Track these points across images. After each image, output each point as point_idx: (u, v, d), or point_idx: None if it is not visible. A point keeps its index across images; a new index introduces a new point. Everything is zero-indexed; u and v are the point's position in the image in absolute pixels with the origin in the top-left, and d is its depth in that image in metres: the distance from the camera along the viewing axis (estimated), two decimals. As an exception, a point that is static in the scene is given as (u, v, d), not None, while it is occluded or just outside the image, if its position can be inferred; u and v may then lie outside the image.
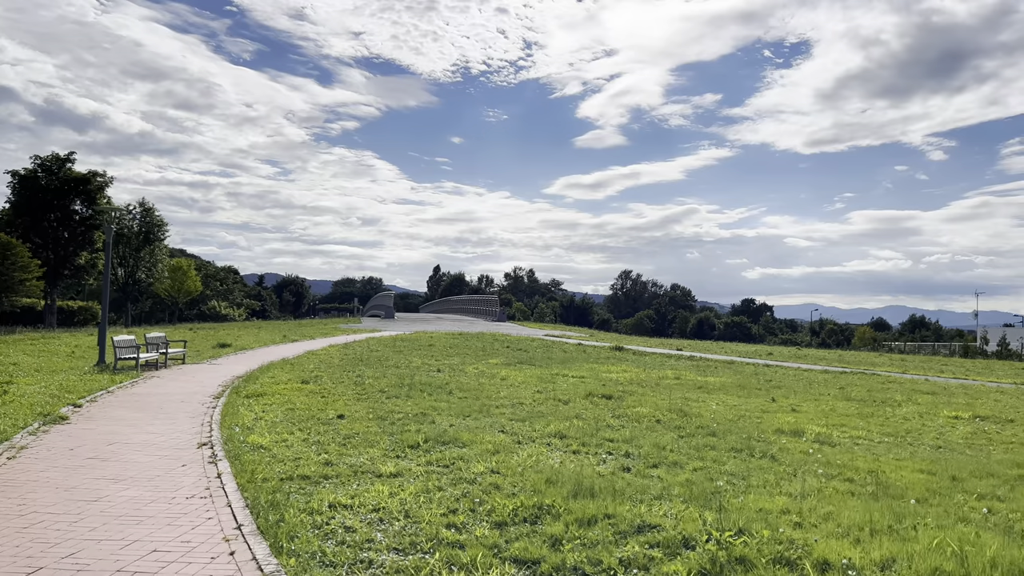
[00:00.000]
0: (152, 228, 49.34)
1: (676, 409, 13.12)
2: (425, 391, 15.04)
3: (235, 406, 12.68)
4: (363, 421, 11.23)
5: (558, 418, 11.88)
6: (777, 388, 18.77)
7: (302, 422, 11.12)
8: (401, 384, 16.18)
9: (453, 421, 11.40)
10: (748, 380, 20.62)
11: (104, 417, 11.45)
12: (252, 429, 10.29)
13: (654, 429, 11.12)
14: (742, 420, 12.37)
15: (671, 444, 9.74)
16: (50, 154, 39.82)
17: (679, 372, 22.24)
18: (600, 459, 8.74)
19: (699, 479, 7.56)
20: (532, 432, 10.51)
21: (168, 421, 11.24)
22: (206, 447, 9.06)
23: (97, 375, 16.90)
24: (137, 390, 14.96)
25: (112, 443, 9.25)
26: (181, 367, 20.17)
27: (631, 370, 22.38)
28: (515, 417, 11.94)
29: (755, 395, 16.78)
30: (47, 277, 38.32)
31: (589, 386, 16.94)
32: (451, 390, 15.28)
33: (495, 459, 8.38)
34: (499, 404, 13.41)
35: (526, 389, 16.19)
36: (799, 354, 38.07)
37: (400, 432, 10.18)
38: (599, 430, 10.72)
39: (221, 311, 69.99)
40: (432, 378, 17.87)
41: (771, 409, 14.11)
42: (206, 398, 14.08)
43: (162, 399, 13.75)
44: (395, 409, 12.57)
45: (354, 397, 14.20)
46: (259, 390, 14.82)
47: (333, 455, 8.61)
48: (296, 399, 13.71)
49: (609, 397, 14.68)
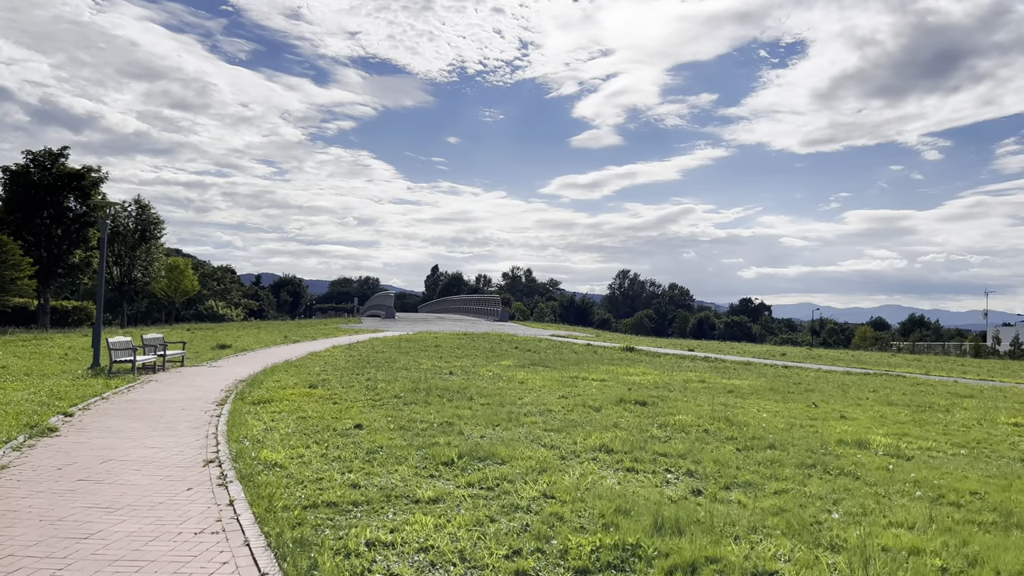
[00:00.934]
0: (148, 226, 48.01)
1: (720, 417, 12.10)
2: (443, 396, 14.01)
3: (241, 414, 11.64)
4: (384, 432, 10.19)
5: (596, 428, 10.86)
6: (810, 392, 17.78)
7: (317, 433, 10.07)
8: (416, 389, 15.14)
9: (483, 432, 10.37)
10: (775, 383, 19.63)
11: (98, 428, 10.39)
12: (263, 442, 9.24)
13: (705, 441, 10.10)
14: (795, 429, 11.36)
15: (733, 459, 8.71)
16: (43, 149, 38.58)
17: (701, 375, 21.24)
18: (662, 479, 7.72)
19: (788, 505, 6.54)
20: (573, 445, 9.48)
21: (169, 432, 10.19)
22: (213, 464, 8.01)
23: (91, 379, 15.82)
24: (134, 396, 13.90)
25: (107, 460, 8.19)
26: (180, 370, 19.10)
27: (651, 372, 21.37)
28: (549, 427, 10.91)
29: (791, 400, 15.78)
30: (40, 276, 37.12)
31: (615, 391, 15.92)
32: (471, 395, 14.25)
33: (544, 480, 7.36)
34: (527, 412, 12.38)
35: (549, 394, 15.17)
36: (812, 355, 37.13)
37: (428, 445, 9.14)
38: (646, 442, 9.70)
39: (219, 311, 68.77)
40: (447, 382, 16.84)
41: (818, 416, 13.11)
42: (209, 405, 13.02)
43: (161, 406, 12.69)
44: (416, 417, 11.54)
45: (368, 403, 13.16)
46: (265, 396, 13.76)
47: (359, 474, 7.57)
48: (306, 406, 12.66)
49: (643, 403, 13.65)
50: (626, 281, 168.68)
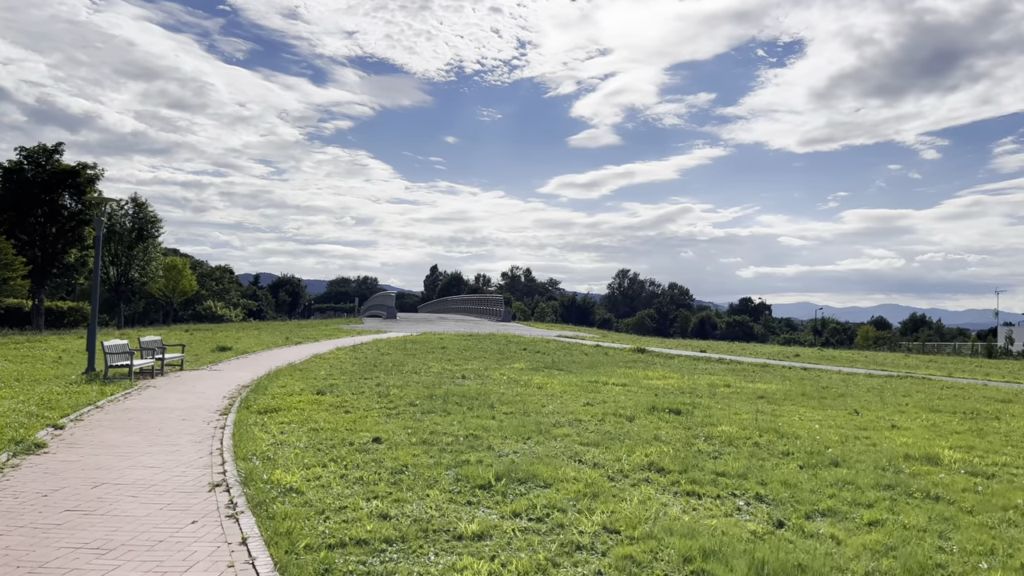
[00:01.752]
0: (145, 224, 46.87)
1: (767, 428, 11.18)
2: (462, 404, 13.08)
3: (248, 426, 10.70)
4: (405, 447, 9.26)
5: (636, 441, 9.94)
6: (843, 397, 16.88)
7: (332, 448, 9.15)
8: (431, 396, 14.21)
9: (514, 446, 9.45)
10: (803, 387, 18.72)
11: (90, 443, 9.45)
12: (275, 460, 8.31)
13: (760, 457, 9.18)
14: (851, 442, 10.45)
15: (801, 480, 7.80)
16: (37, 145, 37.42)
17: (723, 378, 20.33)
18: (732, 506, 6.80)
19: (891, 541, 5.64)
20: (617, 463, 8.56)
21: (169, 448, 9.25)
22: (220, 489, 7.07)
23: (85, 386, 14.87)
24: (131, 404, 12.95)
25: (99, 484, 7.25)
26: (179, 374, 18.15)
27: (671, 376, 20.46)
28: (584, 440, 9.99)
29: (829, 406, 14.87)
30: (34, 276, 36.08)
31: (642, 397, 15.01)
32: (492, 403, 13.32)
33: (600, 508, 6.44)
34: (555, 422, 11.45)
35: (573, 401, 14.26)
36: (826, 356, 36.24)
37: (458, 464, 8.22)
38: (697, 459, 8.78)
39: (217, 311, 67.69)
40: (461, 387, 15.92)
41: (866, 425, 12.20)
42: (212, 414, 12.09)
43: (160, 416, 11.75)
44: (437, 429, 10.61)
45: (383, 412, 12.23)
46: (272, 404, 12.83)
47: (387, 501, 6.65)
48: (317, 416, 11.73)
49: (677, 412, 12.73)
50: (625, 280, 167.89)
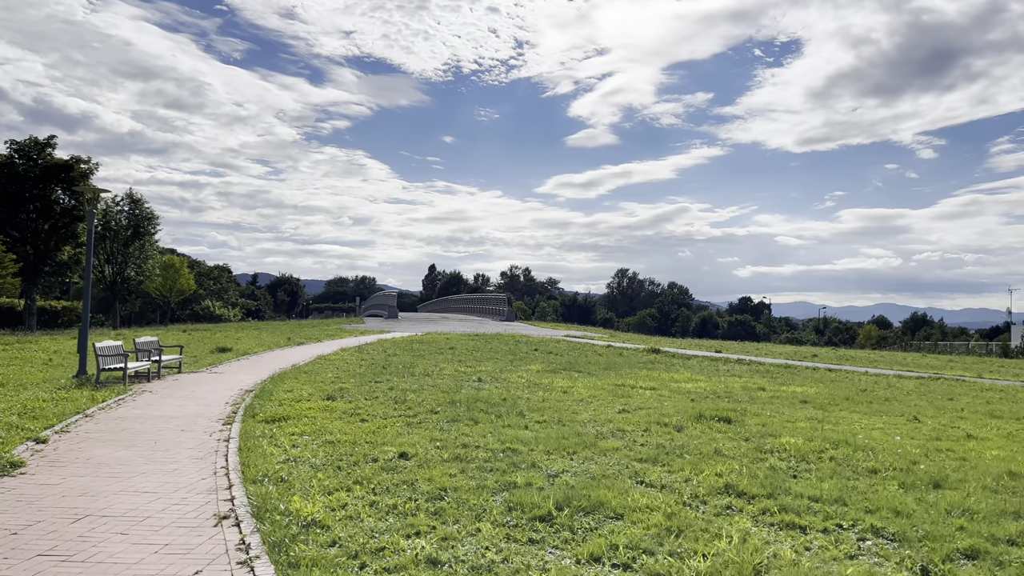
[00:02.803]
0: (142, 222, 45.44)
1: (836, 439, 10.02)
2: (488, 412, 11.91)
3: (255, 438, 9.52)
4: (438, 464, 8.10)
5: (697, 456, 8.78)
6: (888, 401, 15.75)
7: (355, 466, 7.98)
8: (452, 401, 13.05)
9: (561, 463, 8.28)
10: (840, 390, 17.59)
11: (76, 460, 8.26)
12: (290, 483, 7.13)
13: (845, 475, 8.02)
14: (934, 456, 9.30)
15: (910, 506, 6.64)
16: (28, 138, 36.04)
17: (753, 381, 19.18)
18: (853, 545, 5.64)
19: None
20: (687, 484, 7.40)
21: (166, 466, 8.07)
22: (229, 523, 5.89)
23: (74, 391, 13.67)
24: (124, 412, 11.76)
25: (82, 516, 6.06)
26: (177, 377, 16.95)
27: (698, 378, 19.30)
28: (638, 456, 8.83)
29: (881, 412, 13.73)
30: (25, 274, 34.79)
31: (678, 403, 13.87)
32: (520, 411, 12.14)
33: (694, 549, 5.28)
34: (598, 433, 10.29)
35: (606, 407, 13.10)
36: (845, 356, 35.11)
37: (503, 486, 7.05)
38: (778, 479, 7.62)
39: (215, 311, 66.33)
40: (480, 392, 14.76)
41: (938, 435, 11.04)
42: (213, 423, 10.90)
43: (156, 426, 10.56)
44: (467, 441, 9.45)
45: (403, 421, 11.06)
46: (280, 412, 11.65)
47: (431, 539, 5.48)
48: (331, 425, 10.56)
49: (728, 420, 11.57)
50: (624, 280, 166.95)
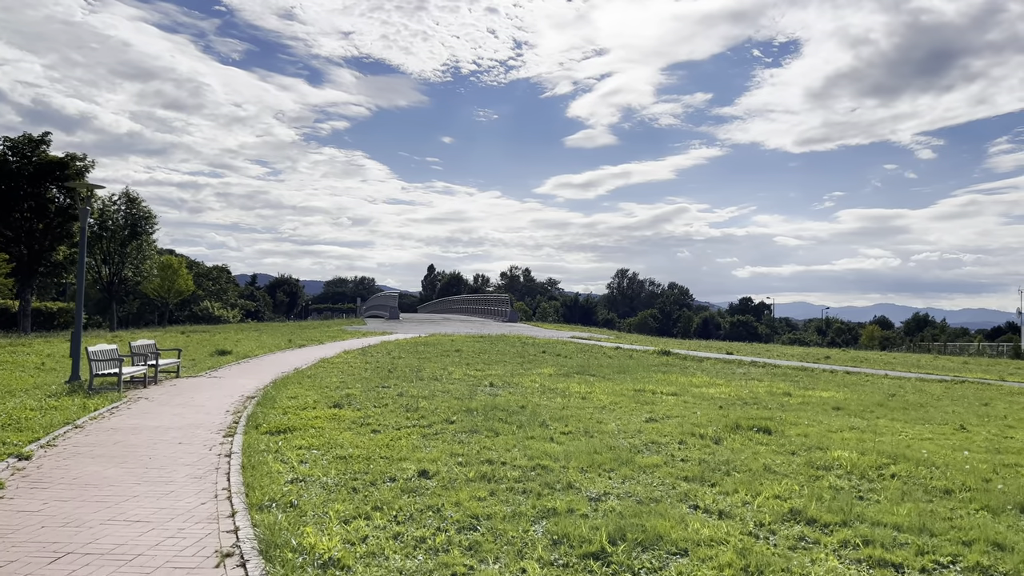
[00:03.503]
0: (139, 221, 44.48)
1: (892, 453, 9.22)
2: (508, 421, 11.11)
3: (259, 452, 8.72)
4: (463, 484, 7.30)
5: (747, 474, 7.99)
6: (923, 407, 14.98)
7: (371, 487, 7.18)
8: (467, 410, 12.25)
9: (600, 483, 7.49)
10: (869, 395, 16.81)
11: (62, 480, 7.45)
12: (301, 509, 6.33)
13: (917, 496, 7.22)
14: (1006, 471, 8.51)
15: (1007, 536, 5.85)
16: (22, 135, 35.15)
17: (775, 385, 18.41)
18: (962, 588, 4.85)
19: None
20: (746, 509, 6.60)
21: (161, 487, 7.26)
22: (233, 562, 5.07)
23: (65, 398, 12.86)
24: (117, 422, 10.94)
25: (63, 553, 5.25)
26: (175, 382, 16.14)
27: (717, 383, 18.51)
28: (682, 473, 8.03)
29: (922, 420, 12.96)
30: (19, 275, 33.93)
31: (706, 410, 13.09)
32: (543, 420, 11.34)
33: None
34: (632, 446, 9.49)
35: (630, 415, 12.32)
36: (859, 357, 34.36)
37: (543, 513, 6.25)
38: (845, 502, 6.82)
39: (214, 312, 65.41)
40: (495, 398, 13.97)
41: (998, 447, 10.25)
42: (214, 435, 10.09)
43: (152, 438, 9.75)
44: (490, 456, 8.65)
45: (417, 432, 10.26)
46: (285, 422, 10.84)
47: (471, 583, 4.68)
48: (340, 437, 9.76)
49: (767, 431, 10.77)
50: (625, 280, 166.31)
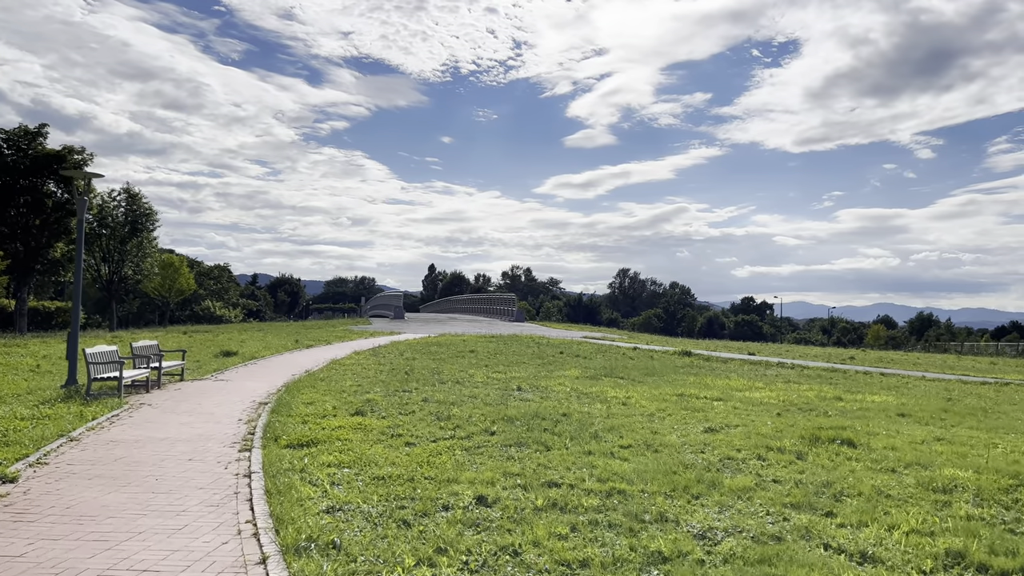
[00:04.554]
0: (139, 217, 43.10)
1: (1011, 471, 8.02)
2: (554, 432, 9.92)
3: (283, 472, 7.51)
4: (532, 516, 6.10)
5: (861, 500, 6.79)
6: (989, 413, 13.84)
7: (423, 517, 5.99)
8: (505, 418, 11.06)
9: (698, 515, 6.29)
10: (924, 400, 15.61)
11: (52, 510, 6.25)
12: (348, 552, 5.13)
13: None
14: None
15: None
16: (17, 127, 33.88)
17: (820, 389, 17.19)
18: None
19: None
20: (894, 551, 5.41)
21: (171, 519, 6.06)
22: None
23: (60, 405, 11.65)
24: (117, 434, 9.74)
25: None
26: (180, 386, 14.95)
27: (758, 386, 17.32)
28: (783, 498, 6.83)
29: (1002, 429, 11.77)
30: (15, 272, 32.70)
31: (765, 419, 11.91)
32: (594, 431, 10.14)
33: None
34: (707, 463, 8.30)
35: (685, 424, 11.14)
36: (884, 358, 33.19)
37: (648, 559, 5.08)
38: (1001, 538, 5.63)
39: (216, 312, 64.14)
40: (529, 403, 12.80)
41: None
42: (228, 448, 8.89)
43: (157, 454, 8.55)
44: (551, 476, 7.46)
45: (457, 445, 9.07)
46: (306, 433, 9.64)
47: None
48: (372, 452, 8.57)
49: (851, 444, 9.56)
50: (626, 280, 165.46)
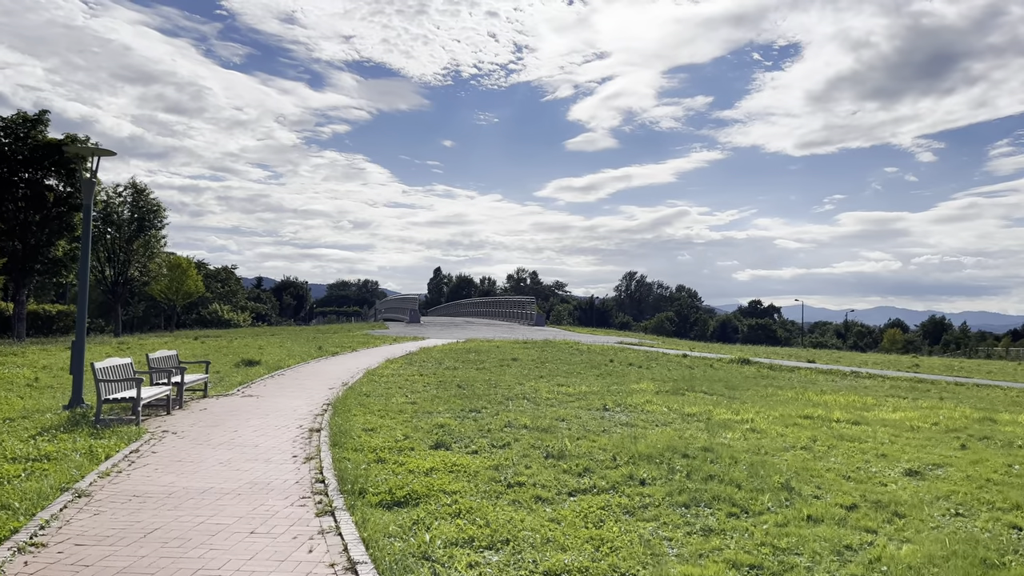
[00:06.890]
0: (147, 214, 40.32)
1: None
2: (729, 483, 7.44)
3: (395, 558, 5.01)
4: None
5: None
6: None
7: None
8: (639, 456, 8.57)
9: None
10: None
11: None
12: None
13: None
14: None
15: None
16: (15, 114, 31.25)
17: (955, 408, 14.71)
18: None
19: None
20: None
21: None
22: None
23: (63, 437, 9.13)
24: (140, 484, 7.21)
25: None
26: (204, 405, 12.46)
27: (883, 403, 14.80)
28: None
29: None
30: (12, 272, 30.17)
31: (956, 456, 9.43)
32: (784, 482, 7.63)
33: None
34: (973, 537, 5.81)
35: (859, 460, 8.67)
36: (952, 365, 30.52)
37: None
38: None
39: (224, 316, 61.57)
40: (639, 431, 10.36)
41: None
42: (296, 509, 6.38)
43: (200, 522, 6.03)
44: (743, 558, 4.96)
45: (613, 505, 6.58)
46: (398, 484, 7.12)
47: None
48: (502, 515, 6.09)
49: None
50: (633, 283, 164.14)
